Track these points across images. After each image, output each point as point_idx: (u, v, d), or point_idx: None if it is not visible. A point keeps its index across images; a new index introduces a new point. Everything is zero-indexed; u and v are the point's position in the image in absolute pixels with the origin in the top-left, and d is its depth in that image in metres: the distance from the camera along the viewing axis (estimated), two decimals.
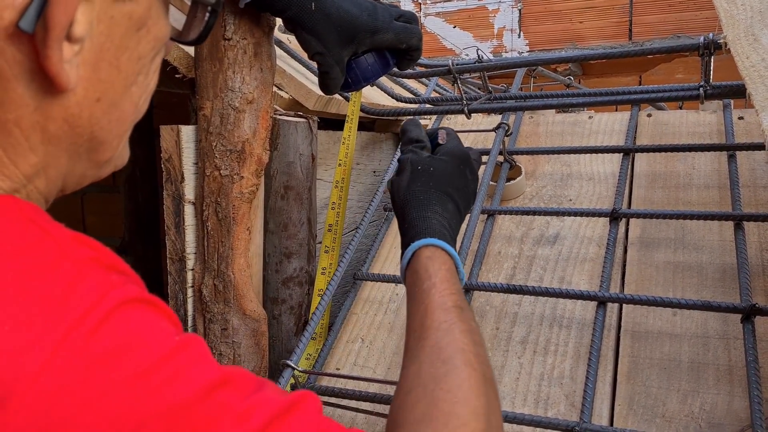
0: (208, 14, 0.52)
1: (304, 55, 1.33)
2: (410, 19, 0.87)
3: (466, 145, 0.83)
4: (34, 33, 0.37)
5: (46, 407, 0.31)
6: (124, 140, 0.49)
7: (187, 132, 0.98)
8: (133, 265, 0.42)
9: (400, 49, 0.85)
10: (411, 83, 1.65)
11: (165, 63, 0.95)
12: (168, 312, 0.39)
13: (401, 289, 1.17)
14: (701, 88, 1.01)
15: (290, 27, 0.82)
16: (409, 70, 1.51)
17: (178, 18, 0.52)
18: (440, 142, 0.76)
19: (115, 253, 0.41)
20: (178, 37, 0.52)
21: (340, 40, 0.81)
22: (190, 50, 0.99)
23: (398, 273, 1.14)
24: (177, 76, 0.99)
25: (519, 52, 2.64)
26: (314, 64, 1.30)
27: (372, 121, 1.55)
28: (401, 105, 1.48)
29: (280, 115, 1.11)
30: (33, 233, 0.37)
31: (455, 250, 0.66)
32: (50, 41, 0.38)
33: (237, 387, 0.38)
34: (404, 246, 0.66)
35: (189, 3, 0.51)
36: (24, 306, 0.33)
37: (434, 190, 0.69)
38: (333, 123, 1.39)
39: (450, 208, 0.69)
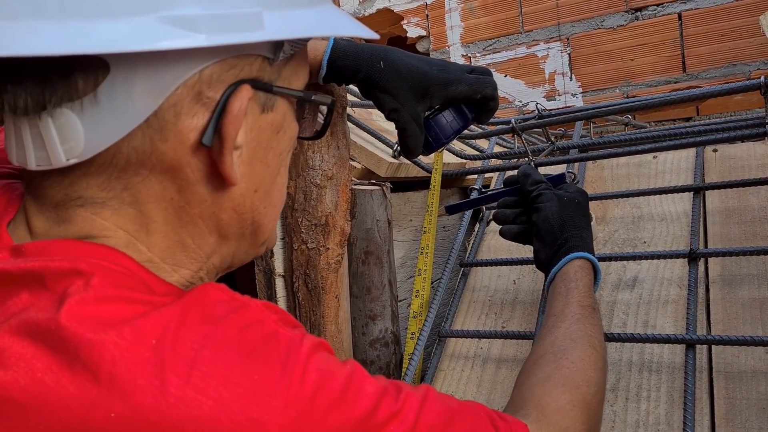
0: (323, 114, 0.59)
1: (372, 125, 1.40)
2: (483, 72, 0.87)
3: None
4: (212, 146, 0.49)
5: (295, 429, 0.43)
6: (275, 223, 0.60)
7: None
8: None
9: (476, 100, 0.85)
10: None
11: None
12: (329, 347, 0.51)
13: (485, 344, 1.20)
14: (767, 125, 1.03)
15: (364, 90, 0.85)
16: (475, 129, 1.55)
17: None
18: (567, 181, 0.97)
19: None
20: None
21: (413, 95, 0.83)
22: None
23: (479, 328, 1.19)
24: None
25: (572, 94, 2.67)
26: (383, 132, 1.37)
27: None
28: (467, 162, 1.52)
29: (355, 185, 1.18)
30: (240, 306, 0.48)
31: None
32: (225, 150, 0.49)
33: (390, 393, 0.49)
34: (560, 254, 0.86)
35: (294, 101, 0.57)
36: (259, 361, 0.44)
37: (581, 217, 0.90)
38: (403, 185, 1.45)
39: (590, 231, 0.90)
